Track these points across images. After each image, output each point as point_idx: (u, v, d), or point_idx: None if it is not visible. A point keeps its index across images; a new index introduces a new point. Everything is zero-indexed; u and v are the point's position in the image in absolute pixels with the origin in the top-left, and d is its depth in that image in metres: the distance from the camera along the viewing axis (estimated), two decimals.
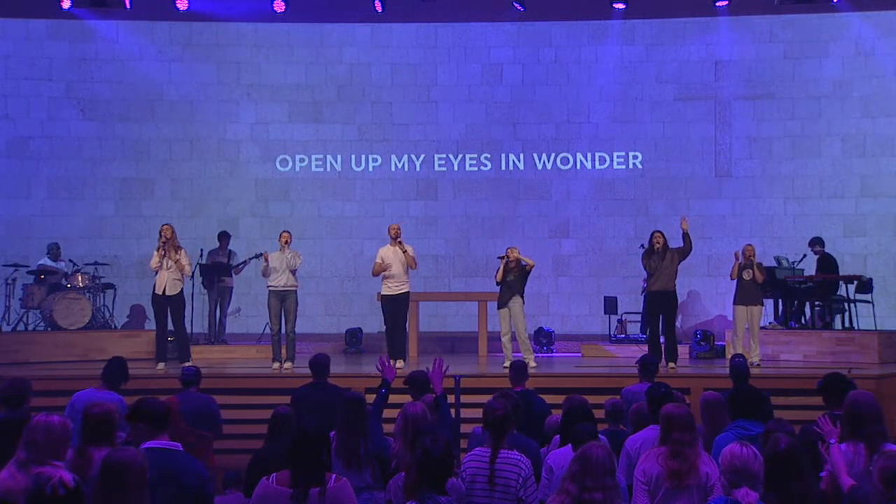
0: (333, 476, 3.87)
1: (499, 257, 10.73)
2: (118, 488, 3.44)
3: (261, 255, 10.98)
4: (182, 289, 10.54)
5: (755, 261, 10.99)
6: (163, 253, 10.30)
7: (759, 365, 10.49)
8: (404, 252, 10.41)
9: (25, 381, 5.76)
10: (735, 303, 11.00)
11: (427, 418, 4.58)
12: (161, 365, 10.48)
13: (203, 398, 6.86)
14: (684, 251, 10.43)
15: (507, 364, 10.28)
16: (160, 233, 10.40)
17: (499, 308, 10.51)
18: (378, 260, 10.57)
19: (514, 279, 10.35)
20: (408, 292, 10.61)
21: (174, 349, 10.85)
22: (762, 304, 11.13)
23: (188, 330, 11.08)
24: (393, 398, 6.06)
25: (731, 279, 11.12)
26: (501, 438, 4.64)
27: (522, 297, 10.47)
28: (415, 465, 3.99)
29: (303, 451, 3.82)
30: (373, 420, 5.14)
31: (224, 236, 12.84)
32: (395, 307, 10.48)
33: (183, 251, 10.53)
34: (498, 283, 10.46)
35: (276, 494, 3.77)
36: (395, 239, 10.46)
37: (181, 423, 6.47)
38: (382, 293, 10.54)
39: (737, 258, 11.00)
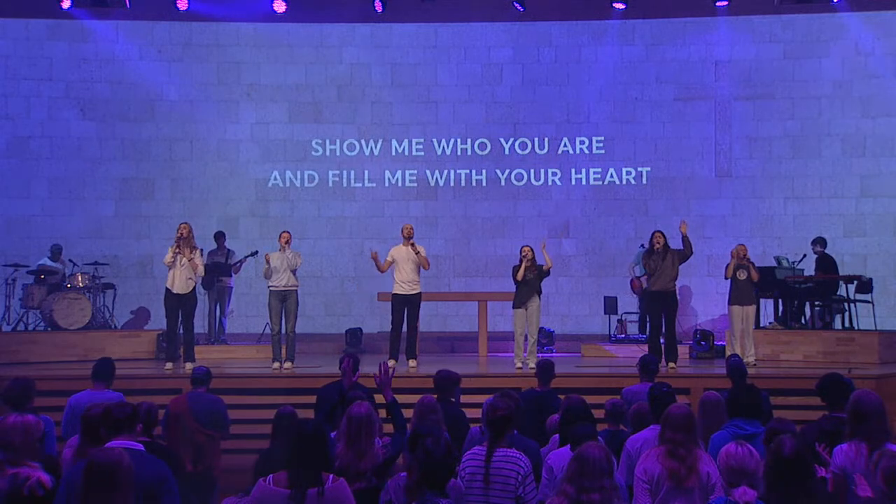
0: (331, 476, 3.86)
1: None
2: (106, 489, 3.44)
3: (255, 253, 10.96)
4: (194, 287, 10.57)
5: (749, 260, 10.97)
6: (177, 250, 10.30)
7: (755, 364, 10.48)
8: (417, 253, 10.40)
9: (29, 381, 5.80)
10: (730, 303, 10.98)
11: (372, 419, 4.56)
12: (170, 364, 10.52)
13: (212, 399, 6.87)
14: (684, 255, 10.42)
15: (519, 364, 10.28)
16: (178, 229, 10.44)
17: (515, 307, 10.40)
18: (388, 258, 10.56)
19: (532, 278, 10.32)
20: (420, 293, 10.59)
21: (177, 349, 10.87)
22: (756, 304, 11.14)
23: None
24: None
25: (726, 279, 11.11)
26: (500, 437, 4.64)
27: (540, 296, 10.45)
28: (416, 466, 3.98)
29: (302, 450, 3.81)
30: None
31: (220, 236, 12.82)
32: (408, 308, 10.47)
33: (198, 251, 10.56)
34: (517, 283, 10.43)
35: (273, 495, 3.75)
36: (408, 239, 10.46)
37: (191, 423, 6.49)
38: (395, 293, 10.50)
39: (732, 257, 10.99)
